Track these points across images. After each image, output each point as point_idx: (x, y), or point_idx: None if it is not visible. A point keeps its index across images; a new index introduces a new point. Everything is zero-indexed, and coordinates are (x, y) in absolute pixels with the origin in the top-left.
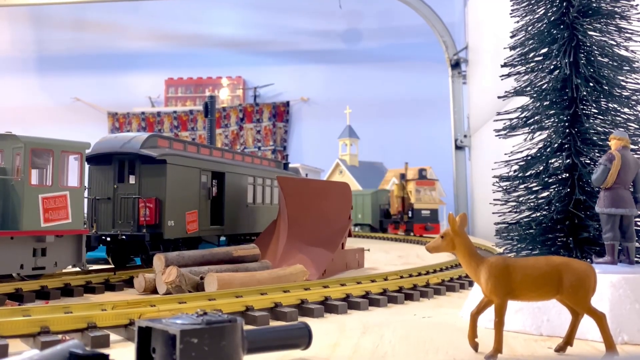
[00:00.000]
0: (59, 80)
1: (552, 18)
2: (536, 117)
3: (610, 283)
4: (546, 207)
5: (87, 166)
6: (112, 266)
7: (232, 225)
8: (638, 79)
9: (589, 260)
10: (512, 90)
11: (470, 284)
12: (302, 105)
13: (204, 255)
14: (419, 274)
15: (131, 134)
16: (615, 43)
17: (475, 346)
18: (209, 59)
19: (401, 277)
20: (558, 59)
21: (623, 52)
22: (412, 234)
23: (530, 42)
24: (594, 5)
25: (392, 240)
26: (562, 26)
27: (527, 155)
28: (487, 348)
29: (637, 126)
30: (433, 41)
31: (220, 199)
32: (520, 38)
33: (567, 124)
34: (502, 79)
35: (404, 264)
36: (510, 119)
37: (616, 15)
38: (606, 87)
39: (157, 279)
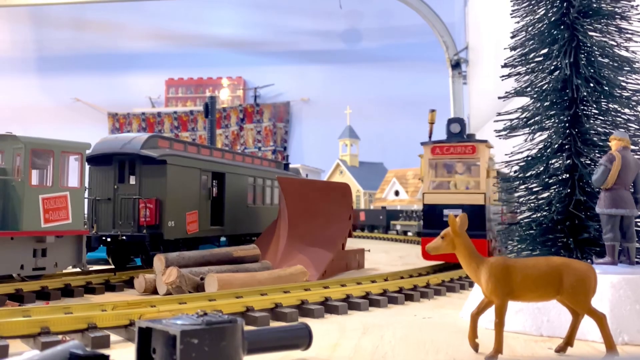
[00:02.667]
0: (59, 80)
1: (553, 18)
2: (536, 118)
3: (610, 284)
4: (546, 208)
5: (87, 167)
6: (113, 267)
7: (232, 226)
8: (638, 80)
9: (589, 260)
10: (513, 91)
11: (471, 284)
12: (302, 106)
13: (204, 255)
14: (420, 275)
15: (131, 134)
16: (615, 43)
17: (475, 347)
18: (209, 59)
19: (401, 277)
20: (558, 59)
21: (623, 53)
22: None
23: (530, 42)
24: (595, 5)
25: (392, 240)
26: (562, 27)
27: (528, 156)
28: (488, 349)
29: (637, 127)
30: (433, 41)
31: (220, 199)
32: (521, 38)
33: (567, 124)
34: (502, 80)
35: (404, 265)
36: (511, 120)
37: (616, 16)
38: (606, 88)
39: (158, 280)
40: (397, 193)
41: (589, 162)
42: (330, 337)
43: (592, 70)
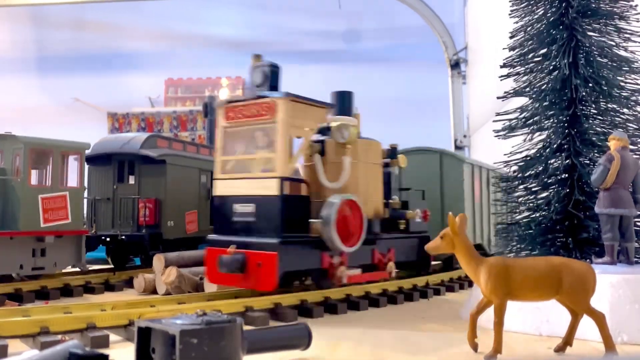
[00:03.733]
0: (59, 80)
1: (552, 19)
2: (535, 118)
3: (609, 283)
4: (545, 208)
5: (86, 166)
6: (112, 266)
7: None
8: (637, 80)
9: (588, 260)
10: (512, 91)
11: (470, 284)
12: None
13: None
14: (419, 275)
15: (131, 134)
16: (614, 43)
17: (474, 346)
18: (208, 59)
19: (401, 277)
20: (557, 59)
21: (622, 53)
22: None
23: (529, 42)
24: (593, 5)
25: None
26: (561, 27)
27: (527, 156)
28: (487, 348)
29: (636, 126)
30: (433, 41)
31: None
32: (520, 39)
33: (566, 124)
34: (501, 80)
35: None
36: (510, 120)
37: (615, 16)
38: (605, 88)
39: (157, 280)
40: None
41: (588, 162)
42: (330, 337)
43: (590, 70)
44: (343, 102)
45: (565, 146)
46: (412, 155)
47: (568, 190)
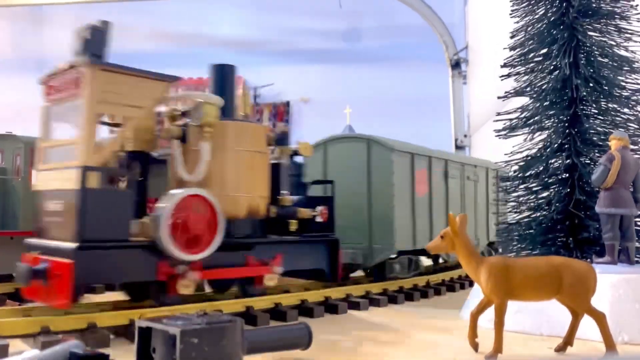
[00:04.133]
0: None
1: (552, 18)
2: (536, 118)
3: (610, 283)
4: (546, 207)
5: None
6: None
7: None
8: (638, 79)
9: (589, 260)
10: (512, 91)
11: (471, 284)
12: (302, 105)
13: None
14: (419, 274)
15: None
16: (615, 43)
17: (475, 346)
18: (209, 59)
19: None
20: (558, 59)
21: (623, 53)
22: None
23: (530, 42)
24: (594, 5)
25: None
26: (562, 27)
27: (527, 156)
28: (487, 348)
29: (636, 126)
30: (433, 41)
31: None
32: (520, 38)
33: (567, 124)
34: (502, 80)
35: None
36: (510, 119)
37: (616, 16)
38: (606, 88)
39: None
40: None
41: (589, 161)
42: (330, 337)
43: (591, 70)
44: (221, 78)
45: (566, 146)
46: (337, 144)
47: (569, 189)
